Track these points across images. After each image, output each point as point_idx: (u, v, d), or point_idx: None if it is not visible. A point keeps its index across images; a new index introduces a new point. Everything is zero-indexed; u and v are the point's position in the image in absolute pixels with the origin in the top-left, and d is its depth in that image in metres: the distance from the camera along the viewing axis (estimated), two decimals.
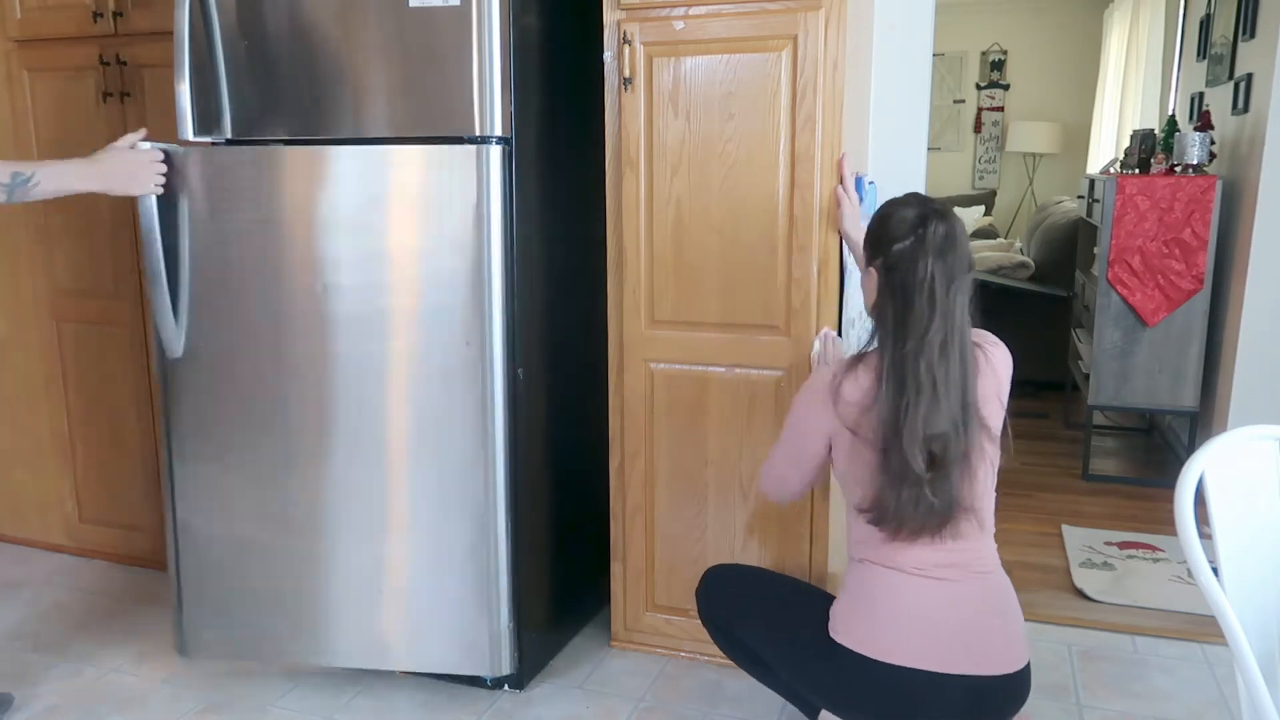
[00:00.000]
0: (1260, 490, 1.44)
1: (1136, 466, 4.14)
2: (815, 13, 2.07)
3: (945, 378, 1.60)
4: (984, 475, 1.70)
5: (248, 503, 2.25)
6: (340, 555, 2.22)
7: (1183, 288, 3.55)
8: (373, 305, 2.16)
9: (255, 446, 2.22)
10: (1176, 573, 2.92)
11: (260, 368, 2.19)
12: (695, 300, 2.26)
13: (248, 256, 2.16)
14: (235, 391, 2.21)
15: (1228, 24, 3.83)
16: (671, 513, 2.38)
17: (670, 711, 2.24)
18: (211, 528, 2.28)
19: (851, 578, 1.77)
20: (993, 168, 7.54)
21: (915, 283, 1.61)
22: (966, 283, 1.64)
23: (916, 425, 1.59)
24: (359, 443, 2.17)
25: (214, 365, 2.21)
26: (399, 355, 2.16)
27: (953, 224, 1.65)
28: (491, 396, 2.13)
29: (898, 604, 1.69)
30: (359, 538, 2.21)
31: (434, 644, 2.24)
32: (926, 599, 1.68)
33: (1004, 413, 1.73)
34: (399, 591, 2.22)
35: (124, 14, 2.67)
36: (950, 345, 1.60)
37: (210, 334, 2.20)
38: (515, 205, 2.11)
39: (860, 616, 1.72)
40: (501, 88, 2.04)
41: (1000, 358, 1.76)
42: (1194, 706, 2.26)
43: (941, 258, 1.61)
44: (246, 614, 2.30)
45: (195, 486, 2.27)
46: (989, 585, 1.73)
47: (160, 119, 2.66)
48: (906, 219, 1.65)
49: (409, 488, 2.19)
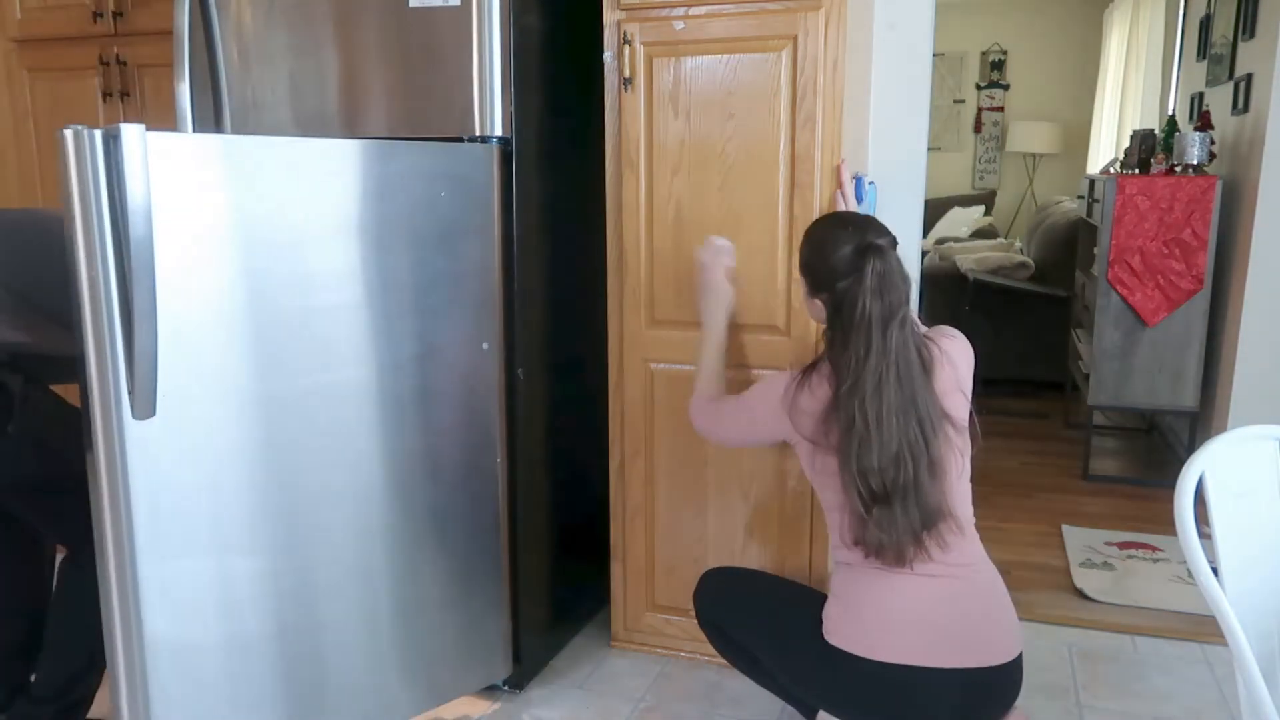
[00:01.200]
0: (1260, 490, 1.44)
1: (1136, 466, 4.14)
2: (815, 13, 2.07)
3: (877, 415, 1.64)
4: (955, 471, 1.72)
5: (253, 582, 1.78)
6: (344, 612, 1.93)
7: (1183, 288, 3.55)
8: (370, 305, 2.15)
9: (246, 515, 1.75)
10: (1176, 573, 2.92)
11: (261, 402, 1.76)
12: (695, 300, 2.26)
13: (247, 269, 1.72)
14: (229, 439, 1.71)
15: (1228, 24, 3.83)
16: (671, 513, 2.38)
17: (670, 711, 2.24)
18: (201, 634, 1.72)
19: (838, 581, 1.79)
20: (993, 168, 7.54)
21: (854, 323, 1.66)
22: (904, 315, 1.68)
23: (850, 462, 1.66)
24: (367, 472, 1.95)
25: (198, 412, 1.67)
26: (413, 360, 2.16)
27: (889, 259, 1.68)
28: (493, 397, 2.13)
29: (889, 603, 1.70)
30: (369, 579, 1.96)
31: (448, 669, 2.15)
32: (916, 596, 1.70)
33: (968, 404, 1.75)
34: (411, 622, 2.05)
35: (124, 14, 2.67)
36: (885, 381, 1.64)
37: (198, 373, 1.66)
38: (515, 205, 2.11)
39: (851, 618, 1.73)
40: (501, 88, 2.04)
41: (957, 350, 1.78)
42: (1194, 706, 2.26)
43: (879, 297, 1.65)
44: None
45: (179, 587, 1.68)
46: (977, 578, 1.75)
47: (160, 119, 2.66)
48: (845, 256, 1.69)
49: (426, 498, 2.08)
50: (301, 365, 1.81)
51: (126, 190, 1.49)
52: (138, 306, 1.52)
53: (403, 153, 2.00)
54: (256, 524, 1.78)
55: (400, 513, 2.09)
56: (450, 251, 2.07)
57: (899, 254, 1.72)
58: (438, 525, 2.16)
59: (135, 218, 1.50)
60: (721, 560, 2.34)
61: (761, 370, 2.23)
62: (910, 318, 1.70)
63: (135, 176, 1.49)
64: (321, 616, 1.91)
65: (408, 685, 2.09)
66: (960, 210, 7.15)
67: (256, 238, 1.73)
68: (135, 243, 1.50)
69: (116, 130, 1.48)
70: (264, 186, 1.73)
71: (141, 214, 1.50)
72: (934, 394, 1.69)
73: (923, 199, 2.50)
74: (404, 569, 2.12)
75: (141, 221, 1.51)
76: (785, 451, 2.21)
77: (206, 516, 1.71)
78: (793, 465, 2.23)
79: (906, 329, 1.67)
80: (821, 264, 1.73)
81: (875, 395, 1.64)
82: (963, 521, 1.74)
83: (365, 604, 1.99)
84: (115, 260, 1.53)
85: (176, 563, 1.68)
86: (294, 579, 1.86)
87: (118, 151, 1.48)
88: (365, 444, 1.96)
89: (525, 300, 2.19)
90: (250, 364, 1.74)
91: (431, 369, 2.10)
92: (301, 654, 1.89)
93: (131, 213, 1.50)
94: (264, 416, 1.77)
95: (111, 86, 2.72)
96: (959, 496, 1.74)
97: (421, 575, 2.15)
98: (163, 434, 1.62)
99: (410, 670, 2.09)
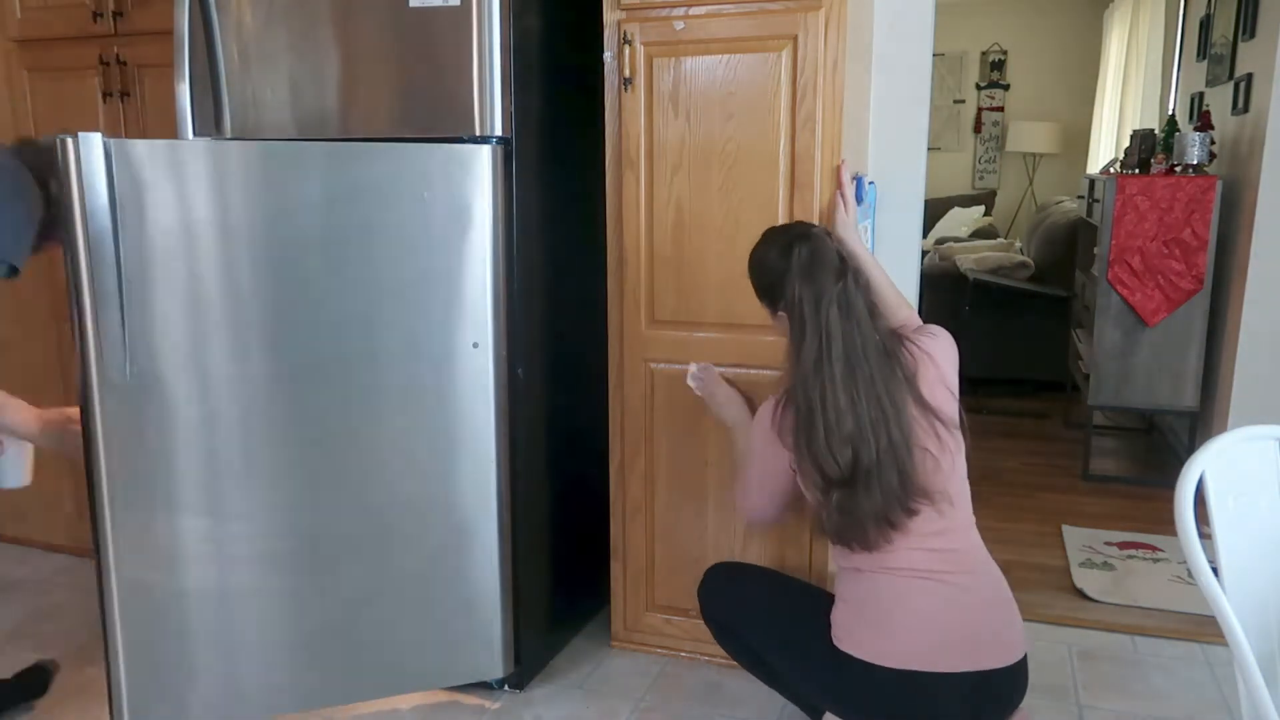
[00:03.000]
0: (1260, 490, 1.44)
1: (1136, 466, 4.14)
2: (815, 13, 2.07)
3: (820, 395, 1.64)
4: (949, 463, 1.71)
5: (222, 543, 1.97)
6: (330, 584, 2.06)
7: (1183, 288, 3.55)
8: (371, 305, 2.16)
9: (230, 476, 1.95)
10: (1176, 573, 2.92)
11: (235, 382, 1.94)
12: (695, 300, 2.26)
13: (225, 261, 1.90)
14: (197, 413, 1.91)
15: (1228, 24, 3.83)
16: (671, 512, 2.38)
17: (670, 711, 2.24)
18: (169, 583, 1.95)
19: (845, 586, 1.78)
20: (993, 168, 7.54)
21: (791, 311, 1.68)
22: (837, 292, 1.66)
23: (803, 449, 1.67)
24: (354, 446, 2.06)
25: (167, 388, 1.89)
26: (396, 356, 2.16)
27: (816, 243, 1.70)
28: (492, 396, 2.13)
29: (897, 609, 1.70)
30: (352, 558, 2.07)
31: (436, 657, 2.20)
32: (925, 600, 1.69)
33: (956, 400, 1.75)
34: (396, 607, 2.13)
35: (124, 14, 2.67)
36: (825, 360, 1.64)
37: (166, 352, 1.88)
38: (515, 205, 2.11)
39: (862, 624, 1.72)
40: (501, 88, 2.04)
41: (939, 347, 1.78)
42: (1194, 707, 2.26)
43: (809, 278, 1.66)
44: (214, 674, 2.02)
45: (144, 534, 1.92)
46: (984, 579, 1.74)
47: (160, 119, 2.66)
48: (775, 254, 1.72)
49: (407, 490, 2.15)
50: (280, 351, 1.98)
51: (86, 190, 1.79)
52: (102, 290, 1.83)
53: (388, 154, 2.02)
54: (228, 490, 1.98)
55: (384, 498, 2.12)
56: (450, 251, 2.08)
57: (831, 242, 1.74)
58: (439, 525, 2.17)
59: (95, 215, 1.81)
60: (721, 559, 2.34)
61: (762, 370, 2.23)
62: (854, 304, 1.67)
63: (98, 178, 1.79)
64: (307, 587, 2.07)
65: (382, 669, 2.16)
66: (960, 210, 7.15)
67: (234, 234, 1.92)
68: (94, 236, 1.81)
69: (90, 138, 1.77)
70: (242, 189, 1.92)
71: (103, 211, 1.81)
72: (898, 378, 1.67)
73: (923, 199, 2.50)
74: (384, 558, 2.15)
75: (102, 217, 1.81)
76: None
77: (173, 478, 1.95)
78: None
79: (851, 317, 1.65)
80: (762, 273, 1.78)
81: (816, 374, 1.64)
82: (959, 504, 1.73)
83: (351, 584, 2.11)
84: (86, 253, 1.82)
85: (145, 514, 1.94)
86: (278, 545, 2.04)
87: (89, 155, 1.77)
88: (347, 426, 2.07)
89: (525, 300, 2.19)
90: (224, 347, 1.94)
91: (428, 367, 2.11)
92: (280, 617, 2.06)
93: (91, 212, 1.81)
94: (242, 395, 1.96)
95: (111, 86, 2.72)
96: (955, 495, 1.74)
97: (405, 566, 2.16)
98: (138, 401, 1.90)
99: (387, 656, 2.16)
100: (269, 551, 2.02)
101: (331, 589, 2.08)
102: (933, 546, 1.70)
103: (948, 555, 1.70)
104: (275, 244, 1.94)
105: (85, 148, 1.77)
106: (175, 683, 2.01)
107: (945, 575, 1.69)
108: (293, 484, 2.01)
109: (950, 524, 1.71)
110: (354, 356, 2.03)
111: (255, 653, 2.05)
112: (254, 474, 1.98)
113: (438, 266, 2.07)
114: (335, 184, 1.96)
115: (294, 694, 2.10)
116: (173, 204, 1.85)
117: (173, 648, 2.00)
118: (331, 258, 1.99)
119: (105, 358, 1.85)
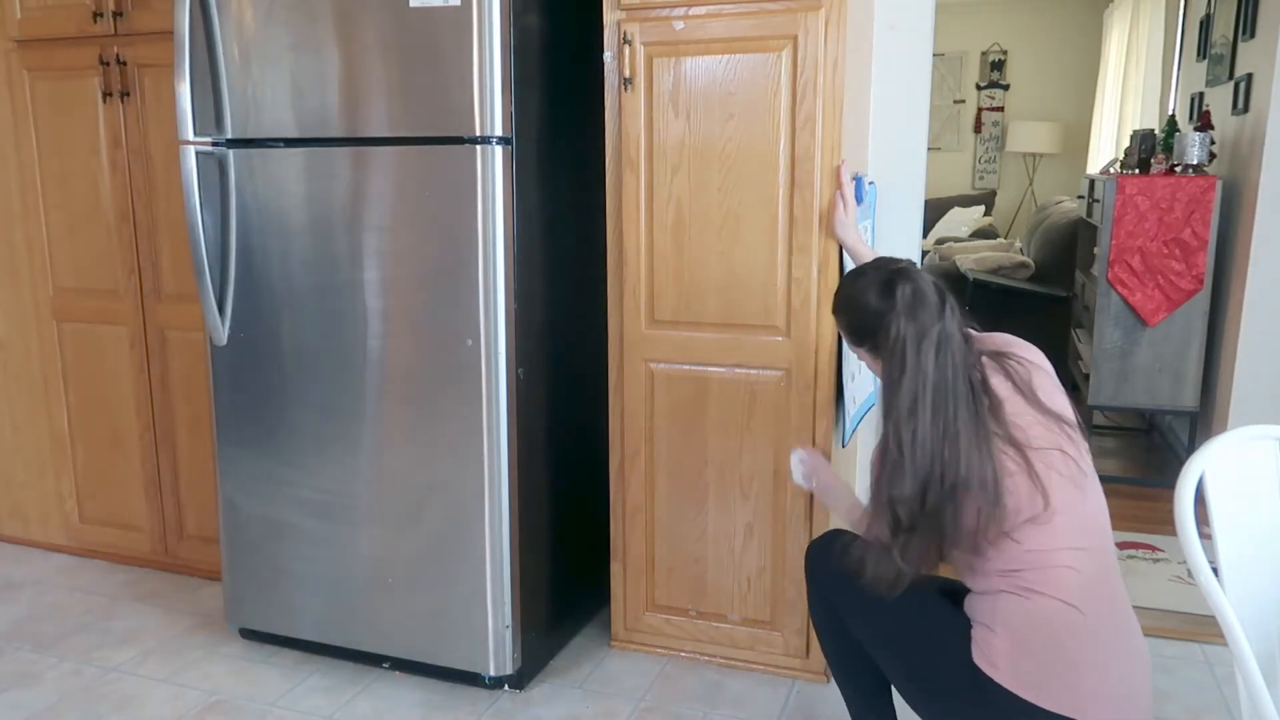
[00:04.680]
0: (1260, 490, 1.44)
1: (1136, 466, 4.14)
2: (815, 13, 2.07)
3: (912, 438, 1.53)
4: (1087, 465, 1.69)
5: (280, 485, 2.37)
6: (359, 541, 2.31)
7: (1183, 288, 3.55)
8: (375, 304, 2.18)
9: (282, 432, 2.35)
10: (1176, 573, 2.92)
11: (282, 359, 2.32)
12: (695, 300, 2.26)
13: (271, 251, 2.27)
14: (269, 379, 2.34)
15: (1228, 24, 3.83)
16: (671, 513, 2.38)
17: (670, 711, 2.24)
18: (250, 507, 2.42)
19: (1006, 611, 1.58)
20: (993, 168, 7.54)
21: (889, 349, 1.58)
22: (940, 334, 1.58)
23: (881, 489, 1.57)
24: (365, 434, 2.26)
25: (250, 354, 2.36)
26: (400, 354, 2.17)
27: (917, 279, 1.62)
28: (492, 396, 2.13)
29: (1084, 656, 1.55)
30: (375, 526, 2.29)
31: (438, 638, 2.27)
32: (1114, 652, 1.57)
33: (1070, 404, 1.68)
34: (406, 583, 2.27)
35: (124, 14, 2.67)
36: (922, 403, 1.54)
37: (245, 324, 2.35)
38: (516, 205, 2.12)
39: (1031, 661, 1.55)
40: (501, 88, 2.05)
41: (1038, 356, 1.72)
42: (1194, 707, 2.26)
43: (912, 317, 1.57)
44: (279, 589, 2.42)
45: (237, 467, 2.42)
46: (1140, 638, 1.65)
47: (160, 119, 2.66)
48: (875, 294, 1.63)
49: (414, 483, 2.22)
50: (325, 333, 2.28)
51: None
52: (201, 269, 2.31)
53: (403, 153, 2.06)
54: (285, 442, 2.37)
55: (407, 507, 2.16)
56: (451, 251, 2.08)
57: (927, 275, 1.66)
58: (440, 523, 2.18)
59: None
60: (721, 559, 2.35)
61: (762, 370, 2.23)
62: (951, 338, 1.59)
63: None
64: (344, 536, 2.34)
65: (410, 635, 2.32)
66: (960, 210, 7.15)
67: (279, 225, 2.28)
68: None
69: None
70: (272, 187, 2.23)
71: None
72: (984, 417, 1.57)
73: (923, 199, 2.51)
74: (410, 561, 2.18)
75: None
76: (785, 451, 2.21)
77: (251, 426, 2.40)
78: None
79: (946, 352, 1.57)
80: (859, 313, 1.66)
81: (910, 418, 1.54)
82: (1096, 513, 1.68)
83: (372, 544, 2.32)
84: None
85: (235, 449, 2.43)
86: (323, 497, 2.36)
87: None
88: (361, 411, 2.28)
89: (525, 300, 2.19)
90: (288, 325, 2.31)
91: (431, 367, 2.12)
92: (325, 555, 2.38)
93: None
94: (298, 364, 2.32)
95: (111, 86, 2.72)
96: (1091, 518, 1.68)
97: (425, 570, 2.21)
98: (236, 356, 2.38)
99: (412, 628, 2.31)
100: (315, 499, 2.34)
101: (364, 544, 2.32)
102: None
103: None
104: (320, 240, 2.23)
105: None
106: (258, 586, 2.45)
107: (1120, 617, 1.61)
108: (336, 449, 2.30)
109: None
110: (370, 348, 2.22)
111: (306, 582, 2.40)
112: (306, 435, 2.32)
113: (439, 266, 2.08)
114: (360, 184, 2.13)
115: (336, 627, 2.40)
116: (256, 207, 2.27)
117: (253, 557, 2.44)
118: (355, 253, 2.19)
119: (209, 327, 2.35)
